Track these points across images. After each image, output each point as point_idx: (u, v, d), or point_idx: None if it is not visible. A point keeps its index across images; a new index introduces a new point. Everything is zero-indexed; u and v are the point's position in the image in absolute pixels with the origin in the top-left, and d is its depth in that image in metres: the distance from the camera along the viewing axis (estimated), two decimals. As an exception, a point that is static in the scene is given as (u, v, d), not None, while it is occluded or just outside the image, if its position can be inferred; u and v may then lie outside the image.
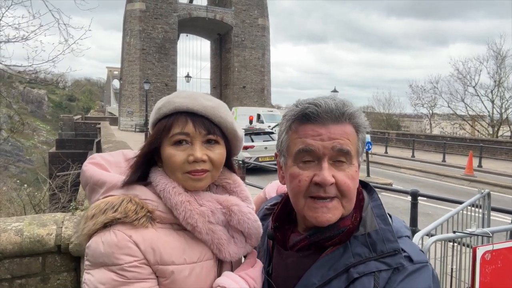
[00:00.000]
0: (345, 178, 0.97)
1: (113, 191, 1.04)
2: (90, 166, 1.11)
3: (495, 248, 2.69)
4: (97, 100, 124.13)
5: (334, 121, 0.97)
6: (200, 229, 1.03)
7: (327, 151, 0.96)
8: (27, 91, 79.95)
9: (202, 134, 1.05)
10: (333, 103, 0.98)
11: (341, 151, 0.96)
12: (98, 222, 0.98)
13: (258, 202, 1.44)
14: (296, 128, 1.01)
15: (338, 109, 0.97)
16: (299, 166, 1.00)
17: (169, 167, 1.05)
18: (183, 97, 1.07)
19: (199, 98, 1.08)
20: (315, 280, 0.97)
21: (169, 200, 1.03)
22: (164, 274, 0.99)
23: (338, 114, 0.97)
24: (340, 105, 0.98)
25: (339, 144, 0.96)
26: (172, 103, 1.06)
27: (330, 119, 0.97)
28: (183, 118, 1.05)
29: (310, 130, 0.98)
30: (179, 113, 1.05)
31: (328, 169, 0.96)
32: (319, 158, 0.97)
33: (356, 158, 1.00)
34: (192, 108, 1.05)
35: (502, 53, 30.99)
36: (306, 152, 0.98)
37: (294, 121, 1.02)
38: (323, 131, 0.97)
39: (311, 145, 0.97)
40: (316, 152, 0.97)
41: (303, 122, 1.00)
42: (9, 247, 2.59)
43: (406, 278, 0.91)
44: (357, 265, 0.95)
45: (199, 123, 1.05)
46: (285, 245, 1.08)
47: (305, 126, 0.99)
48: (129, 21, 39.97)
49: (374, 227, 1.00)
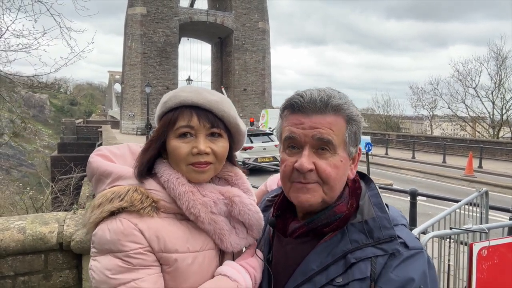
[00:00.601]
0: (326, 165, 1.01)
1: (119, 181, 1.07)
2: (97, 157, 1.14)
3: (492, 245, 2.72)
4: (99, 104, 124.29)
5: (317, 112, 1.01)
6: (203, 219, 1.06)
7: (308, 139, 1.01)
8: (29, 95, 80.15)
9: (206, 127, 1.08)
10: (318, 95, 1.02)
11: (321, 139, 1.00)
12: (105, 211, 1.01)
13: (260, 194, 1.47)
14: (286, 117, 1.07)
15: (321, 100, 1.01)
16: (286, 153, 1.06)
17: (174, 158, 1.08)
18: (188, 92, 1.11)
19: (204, 93, 1.11)
20: (314, 266, 1.00)
21: (173, 190, 1.06)
22: (167, 261, 1.02)
23: (321, 105, 1.01)
24: (325, 97, 1.02)
25: (319, 133, 1.00)
26: (178, 97, 1.09)
27: (312, 110, 1.01)
28: (188, 111, 1.08)
29: (294, 119, 1.04)
30: (184, 106, 1.08)
31: (307, 157, 1.00)
32: (301, 146, 1.02)
33: (342, 148, 1.03)
34: (197, 102, 1.08)
35: (503, 54, 30.98)
36: (290, 139, 1.04)
37: (284, 110, 1.08)
38: (306, 121, 1.02)
39: (293, 132, 1.03)
40: (298, 139, 1.02)
41: (291, 112, 1.05)
42: (12, 245, 2.63)
43: (402, 263, 0.94)
44: (354, 251, 0.98)
45: (203, 116, 1.08)
46: (285, 233, 1.11)
47: (292, 115, 1.05)
48: (130, 25, 40.12)
49: (371, 215, 1.02)
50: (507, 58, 30.81)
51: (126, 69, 40.74)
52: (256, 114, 41.98)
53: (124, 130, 39.53)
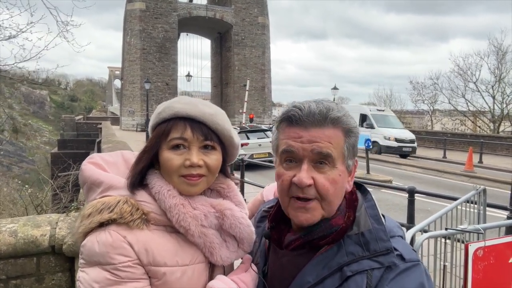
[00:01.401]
0: (324, 180, 0.99)
1: (109, 191, 1.06)
2: (89, 165, 1.13)
3: (487, 245, 2.71)
4: (99, 100, 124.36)
5: (315, 125, 0.99)
6: (193, 232, 1.05)
7: (306, 153, 0.99)
8: (29, 91, 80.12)
9: (199, 139, 1.08)
10: (317, 107, 1.00)
11: (321, 154, 0.98)
12: (94, 222, 1.00)
13: (256, 204, 1.45)
14: (283, 129, 1.04)
15: (320, 113, 0.99)
16: (283, 166, 1.03)
17: (166, 170, 1.07)
18: (183, 103, 1.10)
19: (199, 105, 1.10)
20: (310, 278, 0.99)
21: (163, 202, 1.05)
22: (156, 275, 1.01)
23: (320, 119, 0.99)
24: (324, 110, 0.99)
25: (318, 147, 0.98)
26: (172, 108, 1.09)
27: (311, 123, 0.99)
28: (181, 123, 1.07)
29: (292, 132, 1.01)
30: (178, 118, 1.08)
31: (306, 171, 0.98)
32: (299, 160, 1.00)
33: (340, 161, 1.01)
34: (191, 114, 1.08)
35: (503, 49, 30.91)
36: (288, 153, 1.01)
37: (281, 122, 1.06)
38: (304, 134, 0.99)
39: (291, 146, 1.00)
40: (296, 153, 1.00)
41: (289, 124, 1.03)
42: (3, 248, 2.62)
43: (398, 276, 0.94)
44: (350, 263, 0.97)
45: (197, 129, 1.07)
46: (280, 245, 1.10)
47: (289, 128, 1.02)
48: (129, 21, 39.99)
49: (368, 227, 1.01)
50: (508, 52, 30.76)
51: (126, 65, 40.66)
52: (255, 110, 41.97)
53: (124, 126, 39.53)
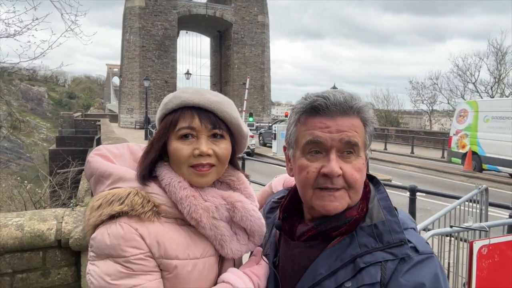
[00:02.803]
0: (352, 170, 0.98)
1: (119, 183, 1.04)
2: (96, 157, 1.11)
3: (492, 243, 2.71)
4: (97, 98, 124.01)
5: (342, 114, 0.99)
6: (204, 224, 1.04)
7: (335, 143, 0.98)
8: (27, 88, 79.81)
9: (208, 128, 1.06)
10: (342, 96, 0.99)
11: (349, 143, 0.98)
12: (104, 214, 0.98)
13: (265, 196, 1.45)
14: (305, 121, 1.03)
15: (346, 102, 0.99)
16: (307, 158, 1.01)
17: (175, 160, 1.06)
18: (189, 92, 1.08)
19: (206, 93, 1.09)
20: (322, 270, 0.98)
21: (174, 194, 1.03)
22: (167, 268, 1.00)
23: (347, 107, 0.99)
24: (349, 99, 0.99)
25: (347, 136, 0.97)
26: (179, 98, 1.07)
27: (338, 112, 0.98)
28: (189, 112, 1.06)
29: (318, 123, 1.00)
30: (186, 107, 1.06)
31: (336, 161, 0.97)
32: (327, 150, 0.99)
33: (363, 150, 1.02)
34: (198, 102, 1.06)
35: (503, 49, 30.98)
36: (314, 143, 1.00)
37: (302, 113, 1.03)
38: (331, 124, 0.98)
39: (319, 136, 0.99)
40: (324, 143, 0.98)
41: (312, 115, 1.01)
42: (10, 242, 2.61)
43: (412, 268, 0.93)
44: (363, 255, 0.96)
45: (205, 117, 1.06)
46: (292, 236, 1.09)
47: (313, 118, 1.01)
48: (128, 18, 39.86)
49: (381, 218, 1.01)
50: (507, 53, 30.83)
51: (125, 63, 40.55)
52: (255, 108, 41.95)
53: (123, 124, 39.45)
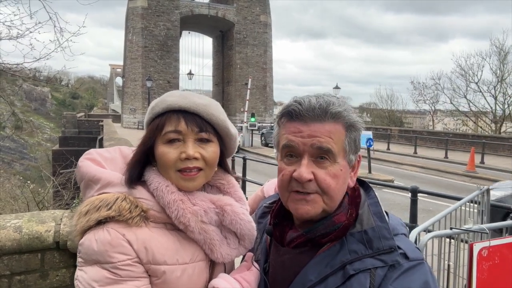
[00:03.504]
0: (325, 175, 0.98)
1: (107, 188, 1.04)
2: (86, 161, 1.11)
3: (492, 245, 2.70)
4: (100, 98, 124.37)
5: (315, 120, 0.98)
6: (193, 228, 1.03)
7: (306, 148, 0.98)
8: (31, 88, 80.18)
9: (194, 131, 1.05)
10: (317, 102, 0.98)
11: (321, 148, 0.97)
12: (92, 219, 0.98)
13: (257, 200, 1.44)
14: (284, 124, 1.03)
15: (320, 108, 0.98)
16: (284, 161, 1.03)
17: (162, 165, 1.05)
18: (175, 96, 1.08)
19: (191, 97, 1.08)
20: (312, 277, 0.98)
21: (162, 198, 1.03)
22: (156, 273, 0.99)
23: (320, 113, 0.98)
24: (324, 105, 0.98)
25: (319, 142, 0.97)
26: (165, 102, 1.07)
27: (311, 118, 0.98)
28: (175, 116, 1.05)
29: (292, 127, 1.00)
30: (172, 111, 1.06)
31: (306, 166, 0.97)
32: (299, 155, 0.99)
33: (342, 156, 1.00)
34: (184, 106, 1.06)
35: (505, 49, 30.82)
36: (288, 147, 1.01)
37: (281, 117, 1.04)
38: (304, 129, 0.98)
39: (291, 141, 0.99)
40: (296, 148, 0.99)
41: (289, 119, 1.02)
42: (8, 244, 2.61)
43: (401, 275, 0.92)
44: (353, 262, 0.95)
45: (191, 120, 1.05)
46: (282, 242, 1.08)
47: (290, 123, 1.01)
48: (131, 19, 39.98)
49: (371, 225, 1.00)
50: (510, 52, 30.67)
51: (127, 63, 40.67)
52: (257, 108, 41.93)
53: (126, 124, 39.57)
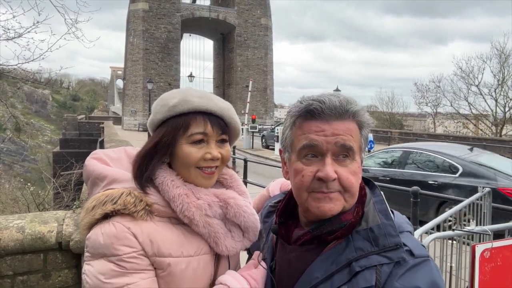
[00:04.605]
0: (347, 173, 0.98)
1: (113, 184, 1.07)
2: (92, 160, 1.14)
3: (495, 246, 2.69)
4: (101, 100, 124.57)
5: (337, 118, 0.99)
6: (197, 222, 1.05)
7: (330, 147, 0.98)
8: (31, 91, 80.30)
9: (217, 133, 1.11)
10: (337, 100, 0.99)
11: (344, 146, 0.98)
12: (97, 213, 1.01)
13: (262, 199, 1.45)
14: (300, 124, 1.03)
15: (342, 106, 0.99)
16: (302, 162, 1.01)
17: (185, 163, 1.09)
18: (199, 97, 1.11)
19: (214, 99, 1.13)
20: (318, 274, 0.98)
21: (167, 193, 1.05)
22: (161, 266, 1.01)
23: (342, 111, 0.99)
24: (344, 103, 0.99)
25: (342, 140, 0.98)
26: (190, 102, 1.09)
27: (333, 116, 0.99)
28: (201, 118, 1.09)
29: (314, 126, 1.00)
30: (196, 112, 1.09)
31: (331, 165, 0.97)
32: (322, 154, 0.99)
33: (358, 154, 1.02)
34: (210, 109, 1.10)
35: (506, 52, 30.83)
36: (310, 147, 1.00)
37: (298, 117, 1.03)
38: (327, 127, 0.98)
39: (314, 140, 0.99)
40: (320, 147, 0.98)
41: (307, 119, 1.01)
42: (11, 244, 2.62)
43: (407, 272, 0.92)
44: (359, 259, 0.96)
45: (216, 123, 1.10)
46: (288, 240, 1.09)
47: (309, 122, 1.01)
48: (132, 21, 40.09)
49: (376, 222, 1.00)
50: (510, 55, 30.67)
51: (128, 65, 40.75)
52: (257, 111, 41.98)
53: (126, 126, 39.59)
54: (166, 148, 1.09)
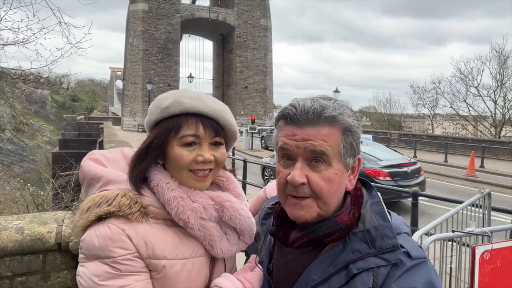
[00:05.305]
0: (318, 179, 0.98)
1: (109, 185, 1.06)
2: (88, 161, 1.13)
3: (494, 248, 2.69)
4: (100, 101, 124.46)
5: (309, 123, 0.98)
6: (192, 225, 1.05)
7: (300, 151, 0.98)
8: (31, 91, 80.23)
9: (210, 136, 1.09)
10: (311, 106, 0.98)
11: (314, 151, 0.97)
12: (92, 215, 1.00)
13: (259, 201, 1.45)
14: (281, 127, 1.04)
15: (314, 112, 0.97)
16: (281, 164, 1.04)
17: (176, 165, 1.07)
18: (191, 98, 1.09)
19: (207, 100, 1.11)
20: (315, 276, 0.98)
21: (162, 195, 1.04)
22: (156, 268, 1.01)
23: (314, 117, 0.98)
24: (319, 109, 0.98)
25: (312, 145, 0.97)
26: (182, 104, 1.07)
27: (305, 121, 0.98)
28: (193, 120, 1.07)
29: (287, 130, 1.01)
30: (189, 114, 1.07)
31: (299, 169, 0.97)
32: (294, 158, 1.00)
33: (337, 160, 0.99)
34: (203, 110, 1.08)
35: (505, 53, 30.89)
36: (283, 150, 1.01)
37: (279, 120, 1.05)
38: (299, 132, 0.99)
39: (286, 143, 1.00)
40: (291, 151, 0.99)
41: (286, 122, 1.02)
42: (9, 245, 2.61)
43: (404, 273, 0.92)
44: (356, 261, 0.96)
45: (208, 125, 1.08)
46: (286, 242, 1.09)
47: (286, 126, 1.02)
48: (132, 22, 40.10)
49: (373, 224, 1.00)
50: (510, 57, 30.74)
51: (128, 66, 40.76)
52: (257, 112, 42.00)
53: (126, 127, 39.58)
54: (158, 150, 1.08)
